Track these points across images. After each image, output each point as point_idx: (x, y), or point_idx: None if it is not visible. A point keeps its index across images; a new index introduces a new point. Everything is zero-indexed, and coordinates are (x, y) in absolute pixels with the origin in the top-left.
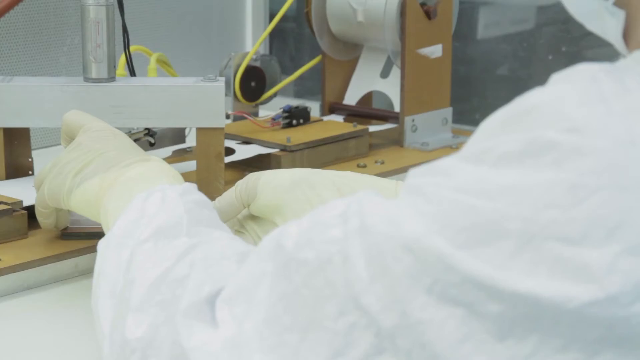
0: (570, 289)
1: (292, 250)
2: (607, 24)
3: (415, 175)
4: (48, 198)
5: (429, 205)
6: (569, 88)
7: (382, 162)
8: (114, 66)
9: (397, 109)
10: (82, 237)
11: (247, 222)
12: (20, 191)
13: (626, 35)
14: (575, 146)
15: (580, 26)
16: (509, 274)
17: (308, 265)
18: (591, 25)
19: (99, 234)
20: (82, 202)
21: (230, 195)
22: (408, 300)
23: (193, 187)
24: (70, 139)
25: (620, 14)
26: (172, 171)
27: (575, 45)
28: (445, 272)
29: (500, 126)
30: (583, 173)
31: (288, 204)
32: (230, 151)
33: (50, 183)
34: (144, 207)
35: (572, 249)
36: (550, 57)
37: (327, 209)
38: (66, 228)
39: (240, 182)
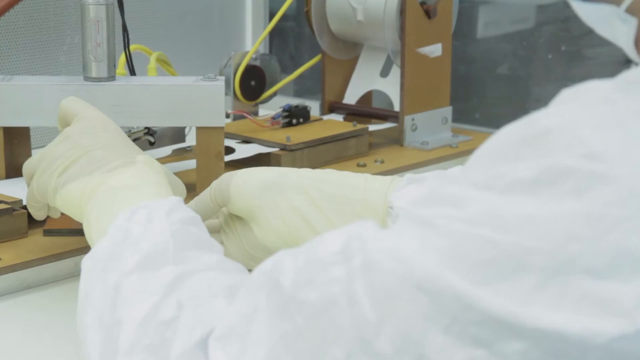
0: (598, 323)
1: (291, 290)
2: (618, 31)
3: (420, 204)
4: (37, 193)
5: (440, 239)
6: (583, 111)
7: (382, 161)
8: (114, 65)
9: (396, 108)
10: (63, 234)
11: (231, 220)
12: (20, 190)
13: (638, 42)
14: (595, 174)
15: (580, 25)
16: (532, 309)
17: (311, 306)
18: (602, 31)
19: (80, 231)
20: (66, 204)
21: (206, 197)
22: (424, 342)
23: (178, 201)
24: (66, 125)
25: (633, 21)
26: (158, 175)
27: (575, 44)
28: (464, 310)
29: (511, 149)
30: (606, 203)
31: (260, 209)
32: (230, 150)
33: (38, 180)
34: (128, 227)
35: (599, 282)
36: (550, 56)
37: (323, 243)
38: (48, 224)
39: (214, 183)
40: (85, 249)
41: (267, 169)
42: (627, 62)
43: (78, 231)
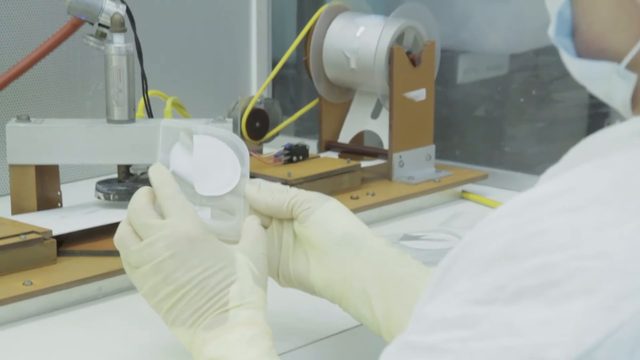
0: None
1: None
2: (615, 87)
3: (425, 332)
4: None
5: None
6: (577, 212)
7: (373, 194)
8: (134, 109)
9: (386, 146)
10: (76, 255)
11: (287, 230)
12: (50, 221)
13: (634, 99)
14: (603, 271)
15: (548, 72)
16: None
17: None
18: (595, 88)
19: (93, 252)
20: (180, 340)
21: (281, 203)
22: None
23: None
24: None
25: (632, 78)
26: (249, 332)
27: (544, 89)
28: None
29: (505, 254)
30: (618, 297)
31: (329, 257)
32: None
33: (144, 290)
34: None
35: None
36: (522, 100)
37: None
38: (62, 245)
39: (299, 198)
40: (108, 273)
41: (351, 218)
42: (592, 106)
43: (90, 252)
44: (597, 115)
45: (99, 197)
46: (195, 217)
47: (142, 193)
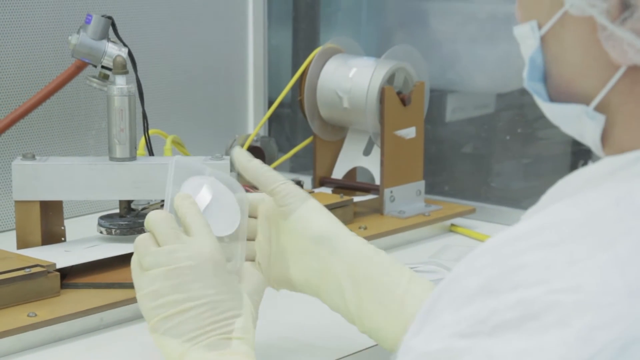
0: None
1: None
2: (586, 128)
3: None
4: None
5: None
6: (553, 247)
7: (365, 228)
8: (135, 147)
9: (377, 182)
10: (79, 287)
11: (275, 228)
12: (54, 255)
13: (603, 138)
14: (578, 304)
15: (534, 110)
16: None
17: None
18: (568, 128)
19: (95, 285)
20: (161, 350)
21: (271, 181)
22: None
23: None
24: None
25: (601, 118)
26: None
27: (529, 127)
28: None
29: (486, 288)
30: (592, 328)
31: (306, 255)
32: None
33: (141, 301)
34: None
35: None
36: (508, 137)
37: None
38: (65, 277)
39: (286, 195)
40: (110, 305)
41: (330, 217)
42: (575, 143)
43: (93, 284)
44: (580, 152)
45: (101, 232)
46: (221, 250)
47: (159, 211)
